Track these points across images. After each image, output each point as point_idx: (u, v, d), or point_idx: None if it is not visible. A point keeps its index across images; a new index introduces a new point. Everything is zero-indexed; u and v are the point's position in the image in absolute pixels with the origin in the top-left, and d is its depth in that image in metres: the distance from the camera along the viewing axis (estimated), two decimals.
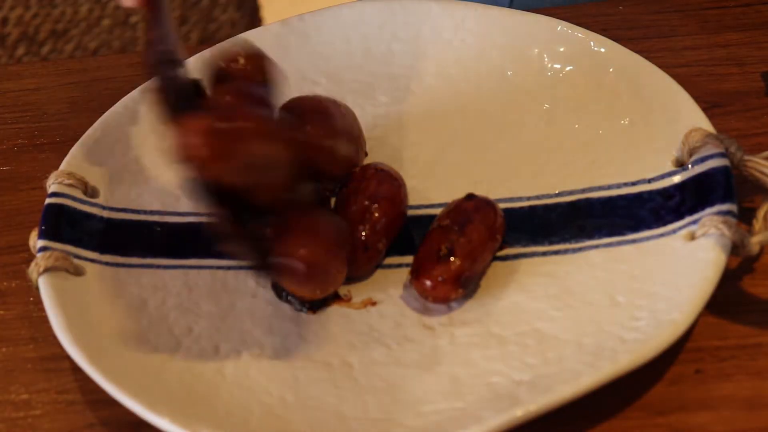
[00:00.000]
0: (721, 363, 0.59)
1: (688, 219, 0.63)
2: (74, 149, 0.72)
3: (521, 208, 0.66)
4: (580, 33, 0.74)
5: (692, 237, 0.62)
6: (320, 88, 0.75)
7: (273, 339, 0.63)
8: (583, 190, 0.68)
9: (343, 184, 0.66)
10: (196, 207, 0.66)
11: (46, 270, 0.64)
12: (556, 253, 0.65)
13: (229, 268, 0.67)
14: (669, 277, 0.60)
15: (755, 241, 0.60)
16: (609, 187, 0.67)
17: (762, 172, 0.63)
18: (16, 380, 0.63)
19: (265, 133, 0.61)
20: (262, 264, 0.60)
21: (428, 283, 0.62)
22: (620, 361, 0.56)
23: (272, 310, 0.64)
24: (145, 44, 0.62)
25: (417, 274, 0.62)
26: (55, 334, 0.62)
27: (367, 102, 0.74)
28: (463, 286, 0.62)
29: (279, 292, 0.65)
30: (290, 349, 0.62)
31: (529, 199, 0.68)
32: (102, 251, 0.67)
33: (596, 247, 0.64)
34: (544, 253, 0.65)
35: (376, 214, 0.64)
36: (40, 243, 0.65)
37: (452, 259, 0.61)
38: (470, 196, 0.65)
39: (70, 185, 0.69)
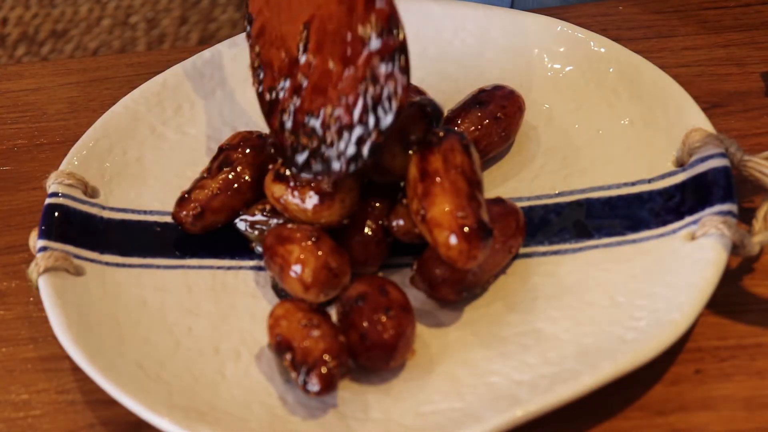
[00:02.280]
0: (721, 363, 0.59)
1: (688, 219, 0.63)
2: (74, 149, 0.72)
3: (521, 209, 0.66)
4: (580, 33, 0.75)
5: (692, 237, 0.62)
6: None
7: None
8: (583, 190, 0.68)
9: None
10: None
11: (46, 270, 0.64)
12: (556, 253, 0.65)
13: (229, 268, 0.67)
14: (669, 277, 0.60)
15: (755, 241, 0.60)
16: (609, 187, 0.67)
17: (762, 172, 0.63)
18: (16, 380, 0.63)
19: None
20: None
21: (427, 286, 0.62)
22: (620, 361, 0.56)
23: None
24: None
25: (419, 273, 0.62)
26: (55, 334, 0.62)
27: None
28: (464, 291, 0.62)
29: (279, 292, 0.65)
30: None
31: (529, 199, 0.68)
32: (102, 251, 0.67)
33: (596, 247, 0.64)
34: (544, 253, 0.65)
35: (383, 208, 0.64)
36: (40, 243, 0.65)
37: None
38: (498, 200, 0.64)
39: (70, 185, 0.69)
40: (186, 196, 0.68)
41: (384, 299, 0.59)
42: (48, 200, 0.68)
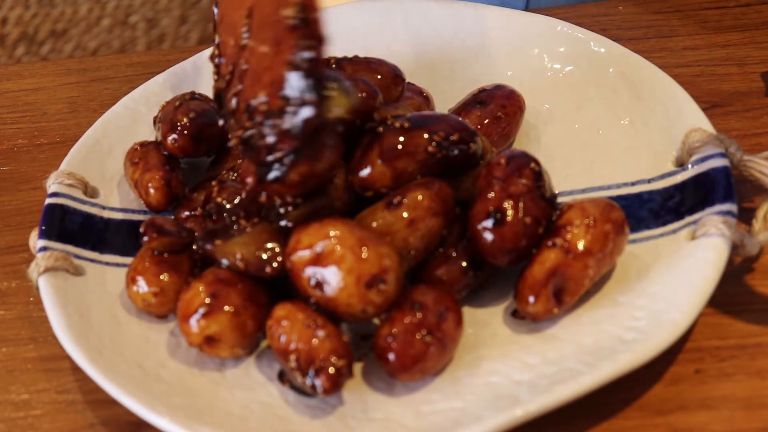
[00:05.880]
0: (721, 363, 0.59)
1: (688, 219, 0.63)
2: (74, 149, 0.72)
3: None
4: (580, 33, 0.75)
5: (692, 237, 0.62)
6: None
7: None
8: (583, 190, 0.68)
9: None
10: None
11: (46, 270, 0.64)
12: None
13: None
14: (669, 276, 0.60)
15: (755, 241, 0.60)
16: (609, 187, 0.67)
17: (762, 172, 0.63)
18: (16, 380, 0.63)
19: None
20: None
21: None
22: (620, 361, 0.56)
23: None
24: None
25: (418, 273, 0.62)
26: (55, 334, 0.62)
27: None
28: (463, 291, 0.62)
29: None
30: None
31: None
32: (102, 251, 0.67)
33: None
34: None
35: None
36: (40, 243, 0.65)
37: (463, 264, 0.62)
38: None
39: (70, 185, 0.69)
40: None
41: (435, 321, 0.58)
42: (48, 200, 0.68)
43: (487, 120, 0.69)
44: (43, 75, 0.85)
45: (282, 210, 0.61)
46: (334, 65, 0.69)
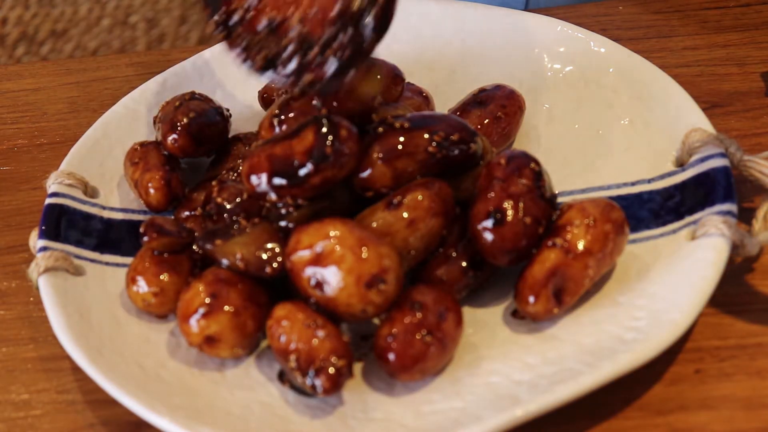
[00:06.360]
0: (721, 363, 0.59)
1: (687, 219, 0.63)
2: (74, 149, 0.72)
3: None
4: (580, 33, 0.75)
5: (692, 237, 0.62)
6: None
7: None
8: (583, 190, 0.68)
9: None
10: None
11: (46, 270, 0.64)
12: None
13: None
14: (669, 276, 0.60)
15: (755, 242, 0.60)
16: (609, 187, 0.67)
17: (762, 172, 0.63)
18: (16, 380, 0.63)
19: None
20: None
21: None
22: (620, 360, 0.56)
23: None
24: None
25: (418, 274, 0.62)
26: (55, 334, 0.62)
27: None
28: (463, 291, 0.62)
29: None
30: None
31: None
32: (102, 251, 0.67)
33: None
34: None
35: None
36: (40, 243, 0.65)
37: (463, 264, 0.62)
38: None
39: (70, 185, 0.69)
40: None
41: (435, 321, 0.58)
42: (48, 200, 0.68)
43: (487, 120, 0.69)
44: (43, 75, 0.85)
45: (284, 211, 0.61)
46: None
